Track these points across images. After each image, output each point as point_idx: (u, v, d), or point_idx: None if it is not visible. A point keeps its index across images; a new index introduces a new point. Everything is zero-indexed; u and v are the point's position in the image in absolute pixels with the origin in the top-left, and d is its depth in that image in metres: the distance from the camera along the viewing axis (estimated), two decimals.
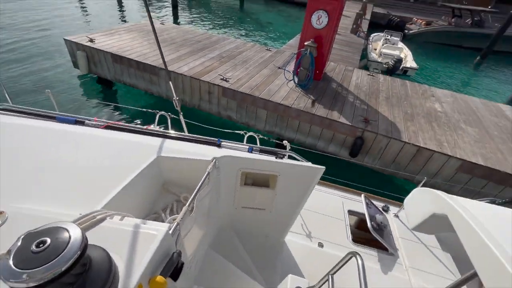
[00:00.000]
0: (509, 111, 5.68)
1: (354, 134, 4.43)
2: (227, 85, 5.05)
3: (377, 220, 2.48)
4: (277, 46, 11.08)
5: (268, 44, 11.68)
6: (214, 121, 6.00)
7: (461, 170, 4.02)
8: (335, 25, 5.21)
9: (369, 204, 2.70)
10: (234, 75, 5.46)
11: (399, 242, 2.63)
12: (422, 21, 15.52)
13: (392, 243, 2.52)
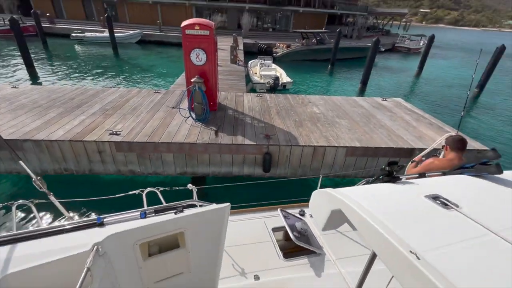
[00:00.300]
0: (361, 101, 7.46)
1: (261, 151, 4.77)
2: (119, 139, 4.55)
3: (298, 228, 2.58)
4: (165, 87, 10.95)
5: (156, 87, 11.40)
6: (114, 182, 5.26)
7: (348, 155, 4.92)
8: (214, 59, 5.61)
9: (286, 216, 2.80)
10: (125, 126, 4.99)
11: (321, 239, 2.82)
12: (283, 45, 18.81)
13: (316, 244, 2.67)
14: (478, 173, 1.56)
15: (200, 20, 5.27)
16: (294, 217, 2.90)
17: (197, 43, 5.29)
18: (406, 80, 16.45)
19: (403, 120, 6.22)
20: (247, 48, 18.79)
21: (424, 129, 5.74)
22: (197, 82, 5.21)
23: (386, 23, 42.68)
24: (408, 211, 1.19)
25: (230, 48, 11.75)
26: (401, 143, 5.04)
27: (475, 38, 68.07)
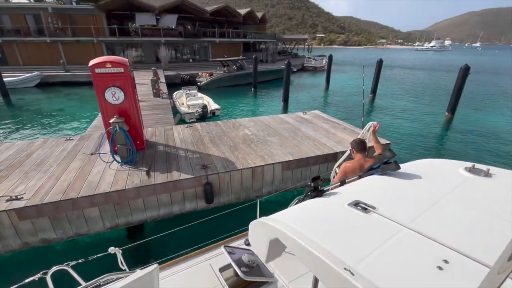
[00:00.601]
0: (286, 117, 8.13)
1: (201, 183, 4.60)
2: (23, 204, 3.71)
3: (245, 262, 2.44)
4: (80, 132, 9.69)
5: (67, 133, 9.93)
6: (19, 262, 4.20)
7: (284, 169, 5.20)
8: (134, 96, 5.29)
9: (231, 252, 2.66)
10: (29, 187, 4.12)
11: (271, 265, 2.70)
12: (206, 73, 19.23)
13: (267, 272, 2.57)
14: (383, 171, 1.85)
15: (111, 57, 4.94)
16: (240, 249, 2.76)
17: (112, 81, 4.91)
18: (318, 94, 18.85)
19: (323, 129, 7.03)
20: (169, 80, 18.47)
21: (341, 134, 6.59)
22: (117, 122, 4.78)
23: (293, 47, 48.74)
24: (336, 223, 1.29)
25: (151, 82, 11.32)
26: (326, 149, 5.64)
27: (361, 55, 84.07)
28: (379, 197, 1.54)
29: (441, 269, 0.98)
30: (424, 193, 1.58)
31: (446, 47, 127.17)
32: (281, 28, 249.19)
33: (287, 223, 1.27)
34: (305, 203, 1.57)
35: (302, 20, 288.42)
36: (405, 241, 1.14)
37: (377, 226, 1.24)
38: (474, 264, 1.01)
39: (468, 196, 1.53)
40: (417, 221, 1.28)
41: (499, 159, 8.19)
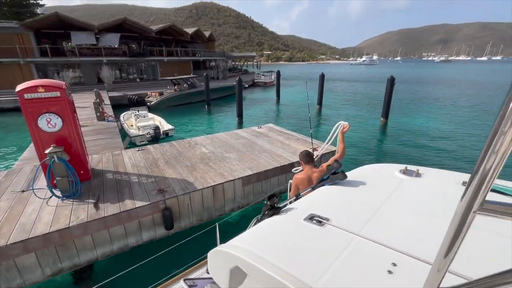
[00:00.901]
0: (242, 132, 8.25)
1: (159, 209, 4.33)
2: None
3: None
4: (6, 167, 8.36)
5: None
6: None
7: (245, 185, 5.22)
8: (74, 121, 4.81)
9: (192, 285, 2.53)
10: None
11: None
12: (155, 93, 18.51)
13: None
14: (333, 182, 1.99)
15: (44, 81, 4.46)
16: (202, 279, 2.62)
17: (46, 107, 4.41)
18: (271, 107, 19.66)
19: (279, 141, 7.32)
20: (115, 101, 17.28)
21: (295, 145, 6.94)
22: (55, 152, 4.26)
23: (243, 64, 50.38)
24: (294, 241, 1.31)
25: (94, 104, 10.43)
26: (283, 161, 5.86)
27: (305, 69, 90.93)
28: (331, 208, 1.62)
29: (391, 273, 1.05)
30: (369, 200, 1.70)
31: (375, 61, 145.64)
32: (229, 46, 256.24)
33: (246, 248, 1.26)
34: (263, 223, 1.57)
35: (249, 39, 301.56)
36: (358, 250, 1.20)
37: (332, 238, 1.30)
38: (419, 263, 1.09)
39: (405, 198, 1.69)
40: (366, 228, 1.37)
41: (426, 155, 9.53)
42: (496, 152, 0.46)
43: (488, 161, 0.48)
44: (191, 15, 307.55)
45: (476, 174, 0.50)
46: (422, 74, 58.11)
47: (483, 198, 0.51)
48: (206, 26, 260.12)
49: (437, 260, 0.63)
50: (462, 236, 0.56)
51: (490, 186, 0.49)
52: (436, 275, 0.65)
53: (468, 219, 0.54)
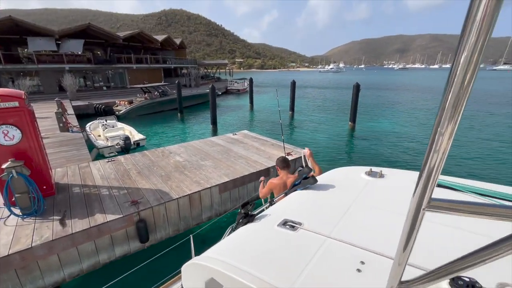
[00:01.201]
0: (217, 139, 8.23)
1: (132, 221, 4.16)
2: None
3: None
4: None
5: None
6: None
7: (222, 191, 5.22)
8: (35, 133, 4.48)
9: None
10: None
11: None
12: (125, 101, 17.75)
13: None
14: (305, 186, 2.07)
15: (0, 90, 4.12)
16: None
17: (2, 119, 4.07)
18: (245, 114, 19.82)
19: (254, 147, 7.42)
20: (80, 111, 16.28)
21: (270, 150, 7.09)
22: (14, 166, 3.94)
23: (215, 71, 50.30)
24: (269, 248, 1.33)
25: (56, 114, 9.74)
26: (258, 166, 5.96)
27: (277, 77, 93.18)
28: (303, 212, 1.67)
29: (360, 271, 1.10)
30: (338, 202, 1.77)
31: (341, 69, 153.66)
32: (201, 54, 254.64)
33: (220, 259, 1.26)
34: (237, 232, 1.58)
35: (221, 46, 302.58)
36: (329, 252, 1.25)
37: (305, 242, 1.34)
38: (385, 260, 1.14)
39: (370, 198, 1.79)
40: (336, 230, 1.43)
41: (391, 155, 10.25)
42: (438, 151, 0.50)
43: (432, 160, 0.51)
44: (160, 22, 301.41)
45: (423, 173, 0.53)
46: (385, 80, 62.54)
47: (430, 195, 0.54)
48: (176, 33, 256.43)
49: (397, 255, 0.67)
50: (416, 231, 0.59)
51: (435, 183, 0.52)
52: (398, 269, 0.69)
53: (419, 216, 0.57)
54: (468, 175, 8.20)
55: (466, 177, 2.09)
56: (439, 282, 0.64)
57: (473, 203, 0.53)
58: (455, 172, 8.49)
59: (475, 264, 0.55)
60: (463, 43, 0.41)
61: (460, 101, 0.45)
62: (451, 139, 0.48)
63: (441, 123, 0.48)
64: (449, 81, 0.45)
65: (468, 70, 0.42)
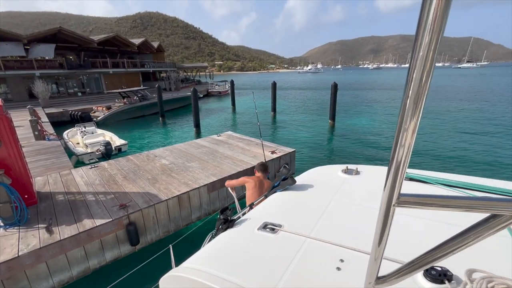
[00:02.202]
0: (202, 141, 8.29)
1: (122, 225, 4.17)
2: None
3: None
4: None
5: None
6: None
7: (210, 191, 5.32)
8: (14, 140, 4.35)
9: None
10: None
11: None
12: (102, 107, 17.20)
13: None
14: (284, 188, 2.06)
15: None
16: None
17: None
18: (227, 116, 19.90)
19: (239, 147, 7.57)
20: (54, 118, 15.56)
21: (255, 150, 7.28)
22: None
23: (195, 74, 49.85)
24: (250, 253, 1.31)
25: (30, 122, 9.31)
26: (245, 165, 6.12)
27: (257, 78, 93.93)
28: (283, 214, 1.67)
29: (339, 269, 1.11)
30: (316, 202, 1.78)
31: (319, 69, 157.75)
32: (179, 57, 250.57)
33: (199, 269, 1.23)
34: (217, 238, 1.56)
35: (199, 49, 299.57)
36: (309, 251, 1.25)
37: (285, 244, 1.33)
38: (363, 256, 1.16)
39: (348, 196, 1.80)
40: (315, 230, 1.43)
41: (368, 151, 10.81)
42: (403, 146, 0.51)
43: (398, 154, 0.52)
44: (135, 25, 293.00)
45: (391, 168, 0.54)
46: (360, 79, 65.09)
47: (399, 191, 0.55)
48: (153, 37, 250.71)
49: (372, 250, 0.68)
50: (389, 226, 0.61)
51: (403, 177, 0.53)
52: (374, 264, 0.70)
53: (390, 212, 0.58)
54: (439, 168, 8.86)
55: (437, 169, 2.23)
56: (414, 274, 0.66)
57: (440, 197, 0.54)
58: (425, 164, 9.14)
59: (447, 254, 0.57)
60: (418, 43, 0.43)
61: (420, 97, 0.46)
62: (415, 134, 0.49)
63: (404, 119, 0.49)
64: (408, 79, 0.46)
65: (425, 68, 0.44)
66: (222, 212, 1.72)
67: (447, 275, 0.97)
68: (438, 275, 0.98)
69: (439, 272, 0.99)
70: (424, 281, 0.99)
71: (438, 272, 0.99)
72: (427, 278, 0.99)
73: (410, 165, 0.56)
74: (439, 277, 0.97)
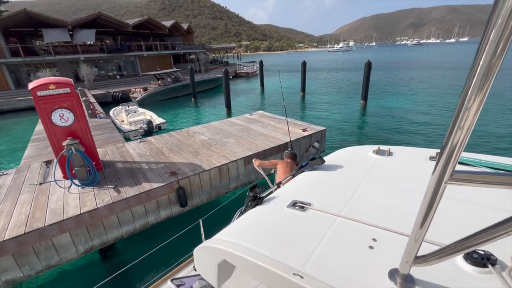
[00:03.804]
0: (235, 120, 8.76)
1: (173, 189, 4.82)
2: None
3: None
4: (12, 166, 8.47)
5: (10, 166, 8.55)
6: None
7: (246, 164, 5.80)
8: (84, 116, 5.12)
9: (180, 284, 2.45)
10: None
11: (226, 285, 2.59)
12: (140, 89, 18.39)
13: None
14: (312, 167, 2.06)
15: (54, 78, 4.73)
16: (190, 277, 2.57)
17: (58, 103, 4.70)
18: (256, 97, 20.16)
19: (271, 125, 7.91)
20: (99, 99, 17.05)
21: (286, 127, 7.56)
22: (72, 144, 4.61)
23: (223, 56, 50.05)
24: (279, 229, 1.32)
25: (84, 102, 10.46)
26: (278, 141, 6.48)
27: (285, 58, 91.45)
28: (312, 193, 1.66)
29: (372, 248, 1.09)
30: (346, 181, 1.75)
31: (351, 47, 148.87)
32: (206, 38, 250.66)
33: (231, 241, 1.26)
34: (246, 214, 1.58)
35: (226, 29, 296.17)
36: (340, 230, 1.24)
37: (315, 222, 1.33)
38: (397, 236, 1.13)
39: (379, 176, 1.77)
40: (346, 209, 1.41)
41: (401, 132, 10.53)
42: (462, 127, 0.48)
43: (456, 135, 0.50)
44: (164, 7, 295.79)
45: (446, 148, 0.52)
46: (397, 58, 60.56)
47: (453, 169, 0.53)
48: (181, 18, 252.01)
49: (413, 231, 0.66)
50: (435, 206, 0.59)
51: (458, 158, 0.52)
52: (414, 245, 0.69)
53: (440, 190, 0.56)
54: (493, 151, 8.47)
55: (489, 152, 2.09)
56: (455, 256, 0.64)
57: (493, 174, 0.53)
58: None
59: (490, 239, 0.55)
60: (497, 7, 0.38)
61: (490, 72, 0.42)
62: (478, 113, 0.46)
63: (467, 97, 0.46)
64: (479, 50, 0.42)
65: (503, 37, 0.39)
66: (252, 189, 1.72)
67: (490, 259, 0.92)
68: (480, 259, 0.93)
69: (482, 255, 0.94)
70: (465, 264, 0.94)
71: (480, 256, 0.94)
72: (468, 261, 0.94)
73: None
74: (482, 261, 0.92)
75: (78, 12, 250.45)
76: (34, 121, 14.36)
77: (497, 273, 0.87)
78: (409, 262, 0.76)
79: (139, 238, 4.88)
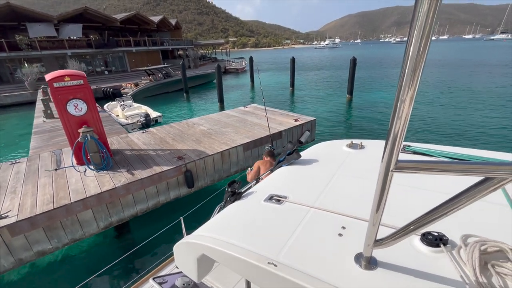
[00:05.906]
0: (231, 112, 9.29)
1: (181, 171, 5.34)
2: (12, 220, 3.76)
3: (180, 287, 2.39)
4: (12, 157, 8.65)
5: (13, 157, 8.71)
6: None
7: (245, 150, 6.38)
8: (95, 106, 5.52)
9: (163, 281, 2.49)
10: (7, 207, 4.08)
11: (208, 278, 2.66)
12: (131, 84, 18.46)
13: (205, 286, 2.55)
14: (289, 162, 2.13)
15: (68, 71, 5.11)
16: (172, 275, 2.63)
17: (73, 94, 5.09)
18: (247, 92, 20.67)
19: (265, 116, 8.49)
20: None
21: (279, 118, 8.19)
22: (87, 131, 5.03)
23: (211, 52, 50.02)
24: (256, 222, 1.38)
25: None
26: (272, 130, 7.07)
27: (273, 55, 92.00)
28: (288, 186, 1.72)
29: (341, 235, 1.16)
30: (321, 174, 1.83)
31: (337, 44, 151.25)
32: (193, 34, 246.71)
33: (209, 236, 1.31)
34: (225, 210, 1.62)
35: (213, 25, 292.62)
36: (313, 220, 1.31)
37: (290, 213, 1.39)
38: (364, 223, 1.16)
39: (351, 169, 1.86)
40: (319, 200, 1.48)
41: (383, 124, 11.41)
42: (400, 117, 0.53)
43: (396, 125, 0.55)
44: (148, 1, 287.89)
45: (389, 138, 0.57)
46: (381, 55, 62.54)
47: (397, 158, 0.58)
48: (166, 13, 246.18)
49: (371, 216, 0.72)
50: (386, 192, 0.65)
51: (400, 146, 0.56)
52: (373, 229, 0.74)
53: (388, 178, 0.61)
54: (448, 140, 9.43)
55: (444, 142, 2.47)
56: (409, 236, 0.69)
57: (436, 162, 0.57)
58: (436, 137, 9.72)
59: (439, 217, 0.60)
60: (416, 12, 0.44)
61: (417, 68, 0.47)
62: (412, 104, 0.51)
63: (401, 90, 0.50)
64: (406, 50, 0.47)
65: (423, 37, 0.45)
66: (230, 185, 1.76)
67: (443, 239, 1.00)
68: (434, 240, 1.00)
69: (436, 236, 1.02)
70: (421, 245, 1.02)
71: (434, 237, 1.02)
72: (424, 242, 1.02)
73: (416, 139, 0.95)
74: (435, 241, 1.00)
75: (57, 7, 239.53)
76: (23, 116, 14.29)
77: (447, 252, 0.95)
78: (370, 245, 0.83)
79: (153, 215, 5.36)
